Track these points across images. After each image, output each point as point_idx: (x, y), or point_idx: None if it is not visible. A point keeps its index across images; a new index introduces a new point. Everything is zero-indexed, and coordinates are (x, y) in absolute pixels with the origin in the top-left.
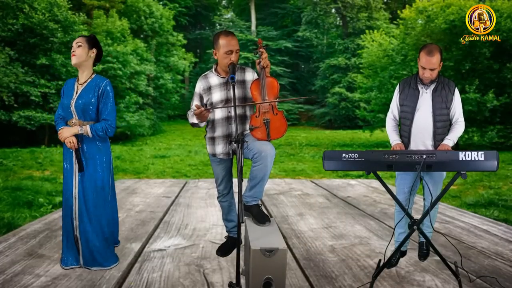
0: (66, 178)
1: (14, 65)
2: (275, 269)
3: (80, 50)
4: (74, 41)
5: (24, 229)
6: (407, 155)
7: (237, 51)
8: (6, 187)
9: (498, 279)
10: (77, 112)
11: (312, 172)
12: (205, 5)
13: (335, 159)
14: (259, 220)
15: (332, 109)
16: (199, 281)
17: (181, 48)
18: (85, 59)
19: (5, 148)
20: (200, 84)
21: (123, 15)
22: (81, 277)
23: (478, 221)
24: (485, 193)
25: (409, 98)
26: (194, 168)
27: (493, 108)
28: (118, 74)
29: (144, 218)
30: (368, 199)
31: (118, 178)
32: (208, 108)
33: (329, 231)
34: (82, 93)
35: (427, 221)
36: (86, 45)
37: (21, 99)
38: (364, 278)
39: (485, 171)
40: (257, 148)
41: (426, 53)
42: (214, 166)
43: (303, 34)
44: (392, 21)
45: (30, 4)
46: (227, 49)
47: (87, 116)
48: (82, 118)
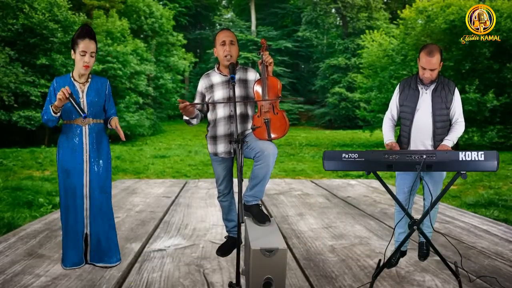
0: (72, 178)
1: (14, 65)
2: (275, 269)
3: (93, 61)
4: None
5: (24, 229)
6: (407, 155)
7: (232, 42)
8: (6, 187)
9: (498, 279)
10: (88, 111)
11: (312, 172)
12: (205, 5)
13: (335, 159)
14: (259, 220)
15: (332, 109)
16: (199, 281)
17: (181, 48)
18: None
19: (5, 148)
20: (202, 83)
21: (123, 15)
22: (81, 277)
23: (478, 221)
24: (485, 193)
25: (409, 98)
26: (194, 168)
27: (493, 108)
28: (118, 74)
29: (144, 218)
30: (368, 199)
31: (118, 178)
32: (192, 103)
33: (329, 231)
34: (89, 92)
35: (427, 221)
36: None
37: (21, 99)
38: (364, 278)
39: (485, 171)
40: (259, 147)
41: (426, 53)
42: (215, 165)
43: (303, 34)
44: (392, 21)
45: (30, 4)
46: (220, 40)
47: (96, 113)
48: (92, 116)
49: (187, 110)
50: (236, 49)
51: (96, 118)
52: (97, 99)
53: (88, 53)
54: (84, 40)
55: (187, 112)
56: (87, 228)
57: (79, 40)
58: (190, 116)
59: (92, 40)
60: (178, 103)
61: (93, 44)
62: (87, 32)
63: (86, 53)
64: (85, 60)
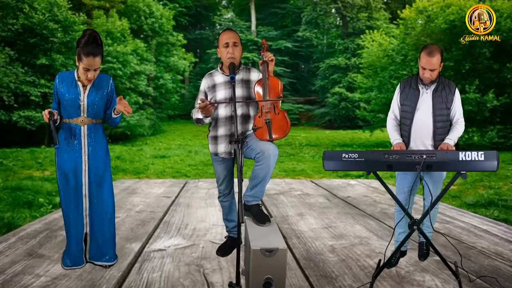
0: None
1: (14, 65)
2: (275, 269)
3: (97, 73)
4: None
5: (24, 229)
6: (407, 155)
7: (235, 44)
8: (6, 187)
9: (498, 279)
10: (88, 111)
11: (312, 172)
12: (205, 5)
13: (335, 159)
14: (259, 220)
15: (332, 109)
16: (199, 281)
17: (181, 48)
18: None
19: (5, 148)
20: (205, 82)
21: (123, 15)
22: (81, 277)
23: (478, 221)
24: (485, 193)
25: (410, 98)
26: (194, 168)
27: (493, 108)
28: (118, 74)
29: (144, 218)
30: (368, 199)
31: (118, 178)
32: (212, 102)
33: (329, 231)
34: (90, 93)
35: (427, 221)
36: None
37: (21, 99)
38: (364, 278)
39: (485, 171)
40: (260, 147)
41: (426, 53)
42: (216, 165)
43: (303, 34)
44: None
45: (30, 4)
46: (223, 42)
47: (96, 114)
48: (91, 116)
49: (207, 109)
50: (240, 50)
51: (96, 119)
52: (98, 99)
53: (92, 69)
54: (88, 57)
55: (207, 111)
56: (87, 228)
57: (83, 55)
58: (208, 115)
59: (97, 57)
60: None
61: (98, 60)
62: (94, 48)
63: (89, 69)
64: (88, 75)
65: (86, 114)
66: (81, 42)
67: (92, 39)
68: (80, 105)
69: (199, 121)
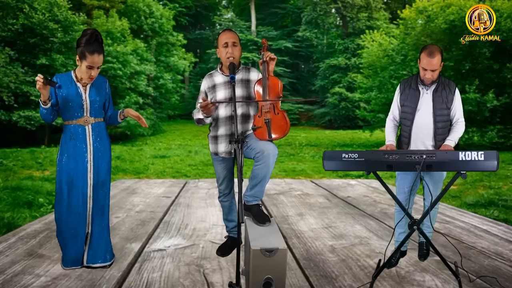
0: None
1: (14, 65)
2: (275, 269)
3: (98, 71)
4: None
5: (24, 229)
6: (407, 155)
7: (234, 44)
8: (6, 187)
9: (498, 279)
10: (91, 110)
11: (312, 172)
12: (205, 5)
13: (335, 159)
14: (259, 220)
15: (332, 109)
16: (199, 281)
17: (181, 48)
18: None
19: (5, 148)
20: (205, 82)
21: (123, 15)
22: (81, 277)
23: (478, 221)
24: (485, 193)
25: (410, 99)
26: (194, 168)
27: (493, 108)
28: (118, 74)
29: (144, 218)
30: (368, 199)
31: (118, 178)
32: (213, 102)
33: (329, 231)
34: (91, 92)
35: (427, 221)
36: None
37: (21, 99)
38: (364, 278)
39: (485, 171)
40: (259, 147)
41: (427, 54)
42: (216, 165)
43: (303, 34)
44: (392, 21)
45: (30, 4)
46: (223, 42)
47: (97, 113)
48: (94, 115)
49: (208, 108)
50: (239, 50)
51: (98, 117)
52: (98, 98)
53: (95, 67)
54: (93, 55)
55: (208, 111)
56: (89, 228)
57: (87, 53)
58: (209, 115)
59: (100, 55)
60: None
61: (101, 58)
62: (97, 46)
63: (93, 67)
64: (91, 73)
65: (89, 113)
66: (83, 41)
67: (94, 38)
68: (83, 104)
69: (200, 121)
